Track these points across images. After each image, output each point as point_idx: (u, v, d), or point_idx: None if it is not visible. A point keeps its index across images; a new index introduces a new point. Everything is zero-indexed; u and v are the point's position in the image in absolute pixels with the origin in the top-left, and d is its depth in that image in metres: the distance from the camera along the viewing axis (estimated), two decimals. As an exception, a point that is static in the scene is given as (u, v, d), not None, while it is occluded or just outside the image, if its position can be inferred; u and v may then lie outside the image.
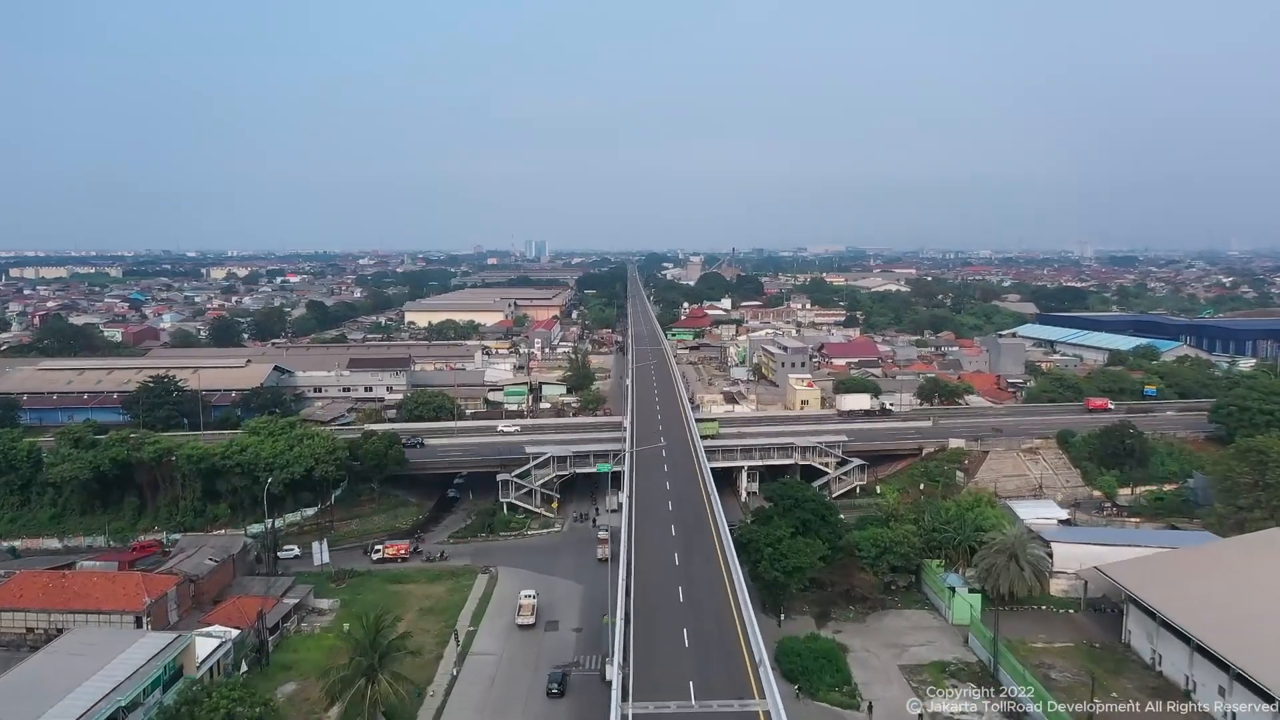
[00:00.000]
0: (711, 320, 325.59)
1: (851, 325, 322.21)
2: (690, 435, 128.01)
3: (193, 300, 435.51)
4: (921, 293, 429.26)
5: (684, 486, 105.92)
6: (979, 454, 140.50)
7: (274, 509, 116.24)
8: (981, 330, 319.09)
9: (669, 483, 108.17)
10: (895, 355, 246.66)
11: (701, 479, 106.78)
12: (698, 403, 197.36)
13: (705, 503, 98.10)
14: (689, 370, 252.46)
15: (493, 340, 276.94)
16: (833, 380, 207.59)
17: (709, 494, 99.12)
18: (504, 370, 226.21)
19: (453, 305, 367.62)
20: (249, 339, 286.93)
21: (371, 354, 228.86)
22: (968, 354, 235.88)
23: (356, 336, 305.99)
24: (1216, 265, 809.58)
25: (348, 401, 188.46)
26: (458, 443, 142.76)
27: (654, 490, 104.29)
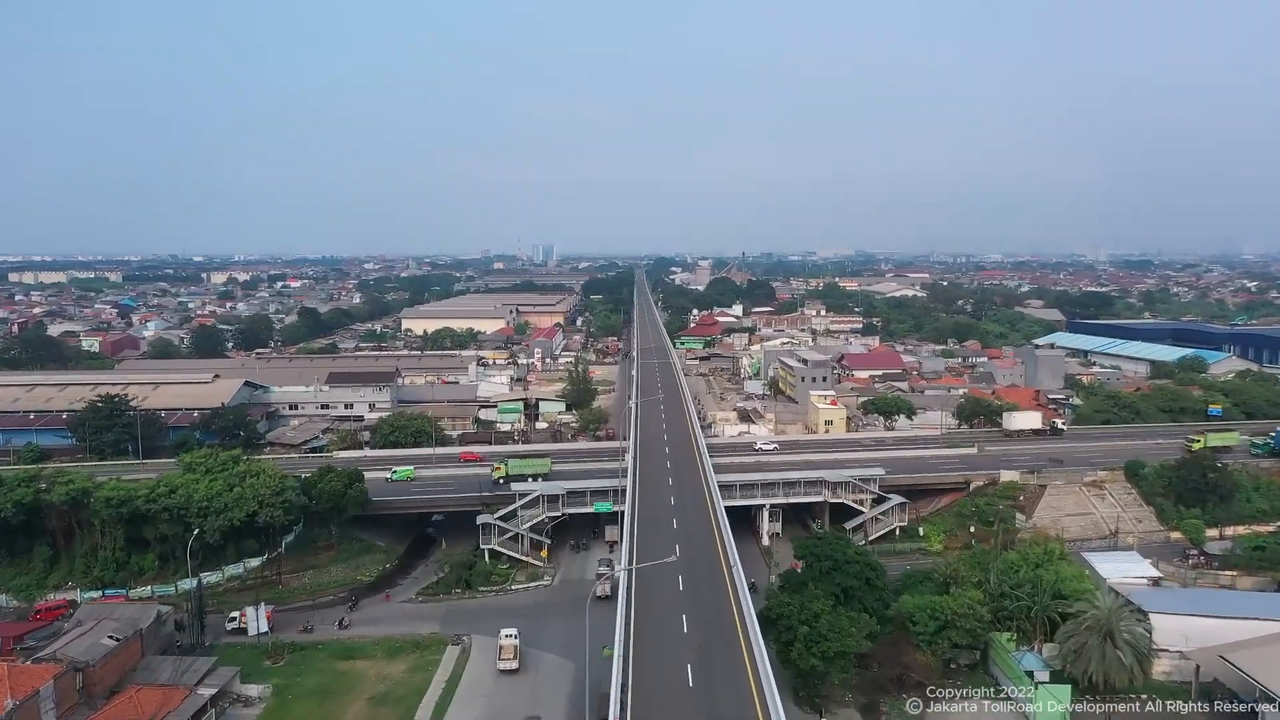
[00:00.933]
0: (722, 328, 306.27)
1: (870, 333, 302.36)
2: (704, 474, 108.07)
3: (186, 306, 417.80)
4: (939, 298, 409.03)
5: (695, 539, 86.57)
6: (1035, 488, 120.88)
7: (211, 560, 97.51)
8: (1007, 339, 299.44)
9: (677, 520, 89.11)
10: (921, 367, 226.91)
11: (718, 531, 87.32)
12: (709, 420, 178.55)
13: (723, 566, 78.72)
14: (699, 383, 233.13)
15: (490, 350, 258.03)
16: (858, 395, 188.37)
17: (727, 552, 79.68)
18: (499, 384, 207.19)
19: (451, 312, 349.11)
20: (233, 349, 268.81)
21: (357, 366, 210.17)
22: (1000, 366, 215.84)
23: (349, 345, 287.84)
24: (1235, 269, 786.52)
25: (324, 421, 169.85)
26: (437, 475, 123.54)
27: (660, 545, 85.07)
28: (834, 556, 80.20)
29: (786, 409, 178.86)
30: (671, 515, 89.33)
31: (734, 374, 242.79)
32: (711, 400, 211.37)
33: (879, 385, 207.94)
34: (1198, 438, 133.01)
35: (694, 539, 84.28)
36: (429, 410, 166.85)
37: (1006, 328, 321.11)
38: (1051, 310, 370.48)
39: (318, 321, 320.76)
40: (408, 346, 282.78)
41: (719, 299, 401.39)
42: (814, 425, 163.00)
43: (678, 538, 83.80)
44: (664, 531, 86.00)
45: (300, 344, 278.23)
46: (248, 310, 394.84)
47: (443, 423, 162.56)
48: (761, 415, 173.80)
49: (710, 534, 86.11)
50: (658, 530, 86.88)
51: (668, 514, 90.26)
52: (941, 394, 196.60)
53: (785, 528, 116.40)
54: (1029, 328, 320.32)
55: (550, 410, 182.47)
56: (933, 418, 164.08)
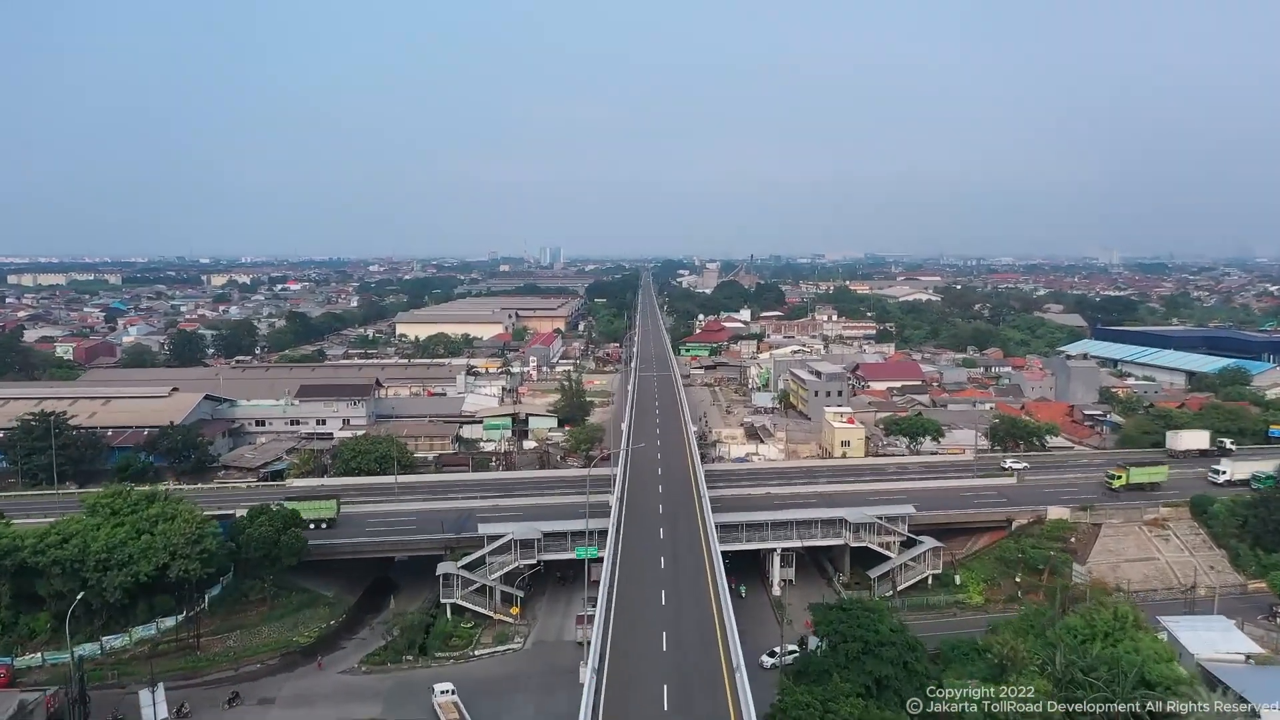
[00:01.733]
0: (730, 334, 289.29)
1: (885, 340, 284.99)
2: (701, 514, 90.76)
3: (177, 310, 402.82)
4: (955, 302, 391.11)
5: (687, 598, 69.62)
6: (1088, 528, 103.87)
7: (119, 619, 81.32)
8: (1029, 346, 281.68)
9: (666, 594, 72.04)
10: (941, 378, 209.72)
11: (715, 593, 70.31)
12: (714, 438, 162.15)
13: (719, 637, 61.94)
14: (704, 394, 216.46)
15: (483, 358, 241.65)
16: (875, 411, 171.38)
17: (726, 626, 62.75)
18: (488, 397, 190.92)
19: (447, 316, 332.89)
20: (214, 356, 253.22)
21: (337, 377, 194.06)
22: (1029, 378, 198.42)
23: (337, 352, 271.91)
24: (1252, 272, 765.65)
25: (293, 438, 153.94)
26: (398, 510, 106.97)
27: (643, 610, 68.17)
28: (864, 636, 63.46)
29: (798, 426, 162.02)
30: (660, 586, 71.70)
31: (741, 384, 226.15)
32: (717, 413, 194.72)
33: (898, 398, 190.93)
34: (1118, 473, 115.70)
35: (686, 619, 66.96)
36: (404, 429, 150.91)
37: (1027, 334, 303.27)
38: (1072, 315, 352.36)
39: (307, 326, 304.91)
40: (399, 353, 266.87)
41: (726, 303, 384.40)
42: (829, 446, 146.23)
43: (667, 620, 66.57)
44: (650, 608, 68.93)
45: (285, 351, 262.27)
46: (240, 314, 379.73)
47: (419, 442, 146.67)
48: (771, 433, 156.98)
49: (708, 609, 68.78)
50: (642, 599, 69.83)
51: (655, 587, 72.26)
52: (966, 409, 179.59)
53: (800, 573, 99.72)
54: (1051, 334, 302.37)
55: (540, 427, 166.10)
56: (961, 438, 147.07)
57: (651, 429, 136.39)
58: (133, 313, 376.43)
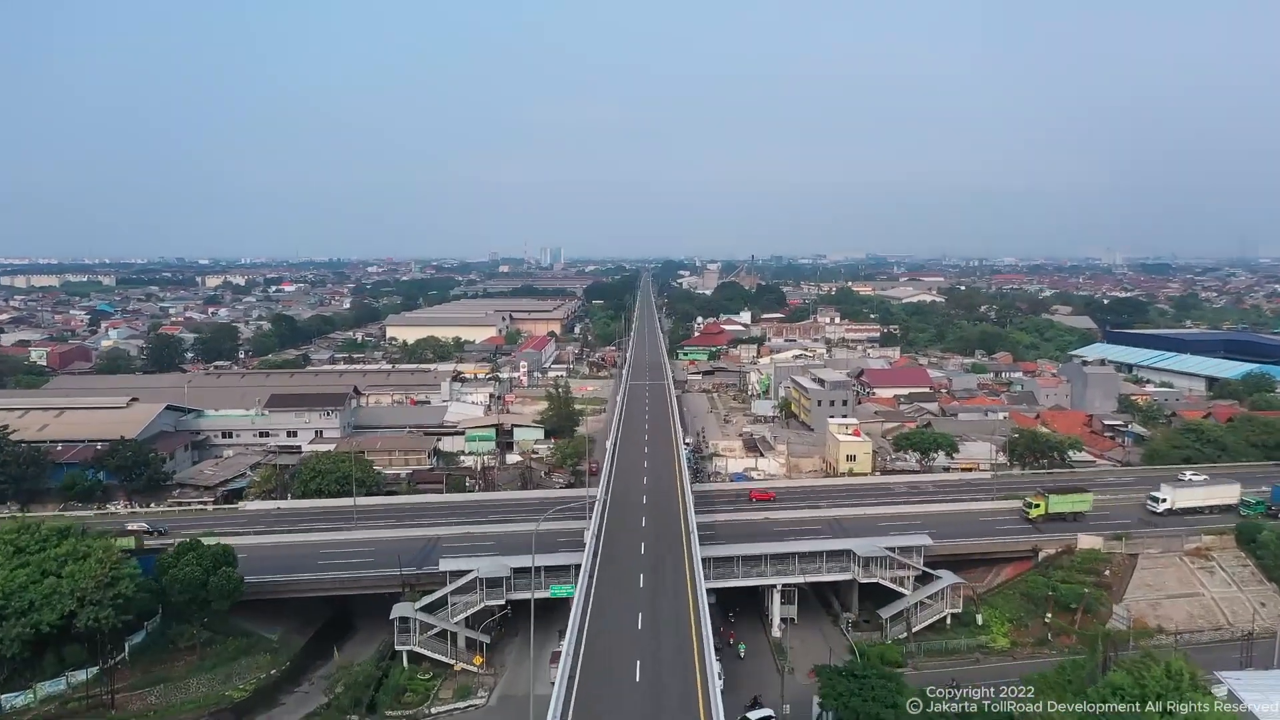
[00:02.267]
0: (729, 337, 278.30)
1: (890, 344, 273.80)
2: (689, 566, 77.33)
3: (166, 312, 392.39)
4: (960, 304, 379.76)
5: (670, 680, 58.05)
6: (1123, 559, 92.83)
7: (21, 674, 70.52)
8: (1039, 350, 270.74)
9: (640, 665, 60.62)
10: (951, 385, 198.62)
11: (698, 647, 58.90)
12: (711, 450, 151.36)
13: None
14: (701, 401, 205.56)
15: (471, 364, 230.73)
16: (883, 421, 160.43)
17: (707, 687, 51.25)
18: (474, 405, 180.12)
19: (439, 319, 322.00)
20: (193, 360, 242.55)
21: (318, 384, 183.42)
22: (1043, 385, 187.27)
23: (322, 356, 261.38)
24: (1256, 274, 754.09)
25: (260, 452, 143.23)
26: (357, 539, 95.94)
27: (617, 684, 56.77)
28: (879, 716, 52.46)
29: (800, 439, 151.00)
30: (636, 655, 59.68)
31: (740, 390, 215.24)
32: (714, 422, 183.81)
33: (905, 407, 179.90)
34: (1036, 501, 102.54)
35: (664, 685, 55.71)
36: (377, 443, 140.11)
37: (1035, 337, 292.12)
38: (1081, 317, 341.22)
39: (293, 330, 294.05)
40: (387, 357, 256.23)
41: (726, 305, 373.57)
42: (834, 460, 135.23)
43: (643, 689, 55.32)
44: (625, 666, 57.72)
45: (269, 355, 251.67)
46: (229, 316, 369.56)
47: (393, 457, 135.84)
48: (771, 446, 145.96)
49: (690, 666, 57.63)
50: (614, 683, 57.84)
51: (629, 661, 60.28)
52: (978, 418, 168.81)
53: (803, 608, 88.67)
54: (1060, 337, 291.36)
55: (526, 439, 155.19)
56: (976, 452, 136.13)
57: (639, 449, 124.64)
58: (119, 315, 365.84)
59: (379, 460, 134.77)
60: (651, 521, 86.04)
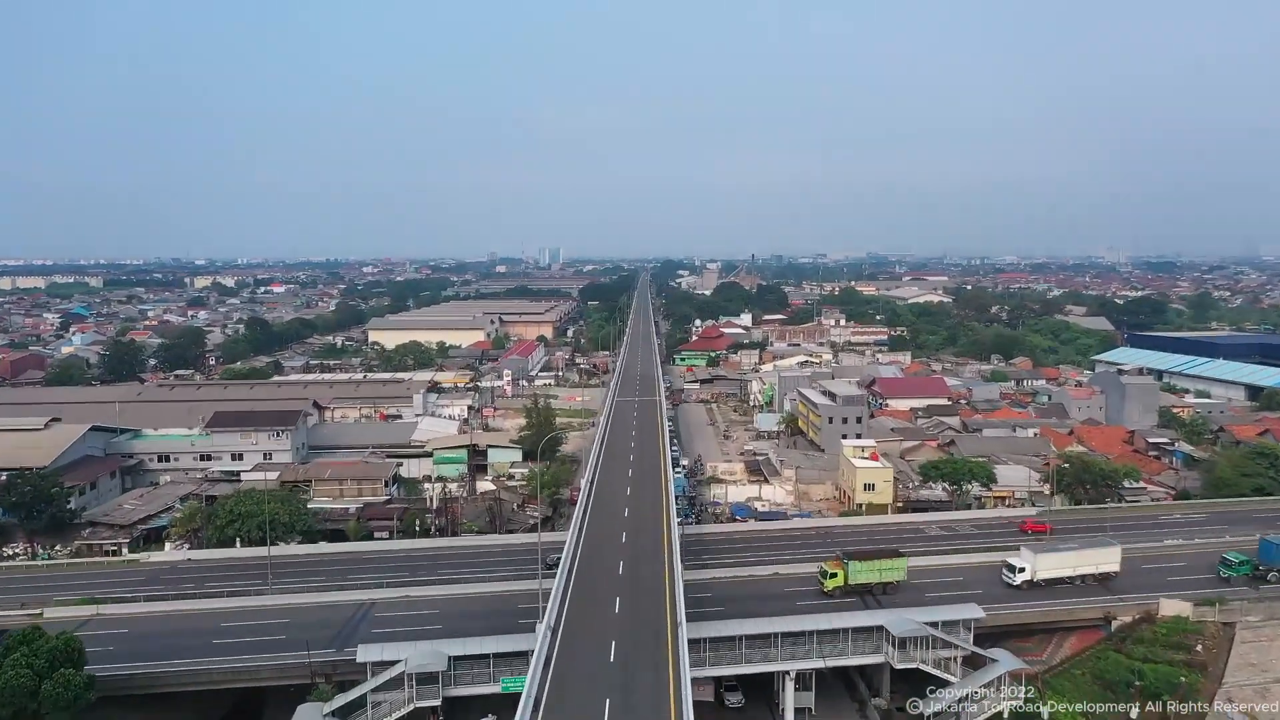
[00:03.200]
0: (729, 341, 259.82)
1: (899, 348, 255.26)
2: (673, 657, 58.43)
3: (144, 315, 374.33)
4: (970, 304, 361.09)
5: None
6: (1217, 629, 74.47)
7: None
8: (1057, 354, 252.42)
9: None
10: (971, 395, 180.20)
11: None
12: (710, 474, 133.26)
13: None
14: (699, 413, 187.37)
15: (452, 372, 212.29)
16: (900, 440, 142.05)
17: None
18: (448, 421, 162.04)
19: (424, 322, 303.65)
20: (155, 368, 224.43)
21: (273, 397, 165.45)
22: (1074, 397, 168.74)
23: (296, 363, 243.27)
24: (1264, 271, 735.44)
25: (195, 480, 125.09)
26: (269, 606, 77.25)
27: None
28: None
29: (810, 461, 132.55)
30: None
31: (741, 400, 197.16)
32: (714, 437, 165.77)
33: (923, 420, 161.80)
34: (833, 569, 78.43)
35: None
36: (328, 470, 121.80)
37: (1051, 340, 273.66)
38: (1096, 319, 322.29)
39: (268, 335, 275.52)
40: (365, 364, 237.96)
41: (726, 306, 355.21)
42: (849, 488, 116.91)
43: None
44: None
45: (237, 363, 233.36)
46: (208, 319, 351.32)
47: (344, 487, 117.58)
48: (778, 471, 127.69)
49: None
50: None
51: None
52: (1005, 435, 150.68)
53: (821, 695, 70.31)
54: (1078, 340, 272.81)
55: (501, 461, 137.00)
56: (1012, 478, 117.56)
57: (620, 488, 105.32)
58: (92, 319, 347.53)
59: (328, 492, 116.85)
60: (628, 601, 67.04)
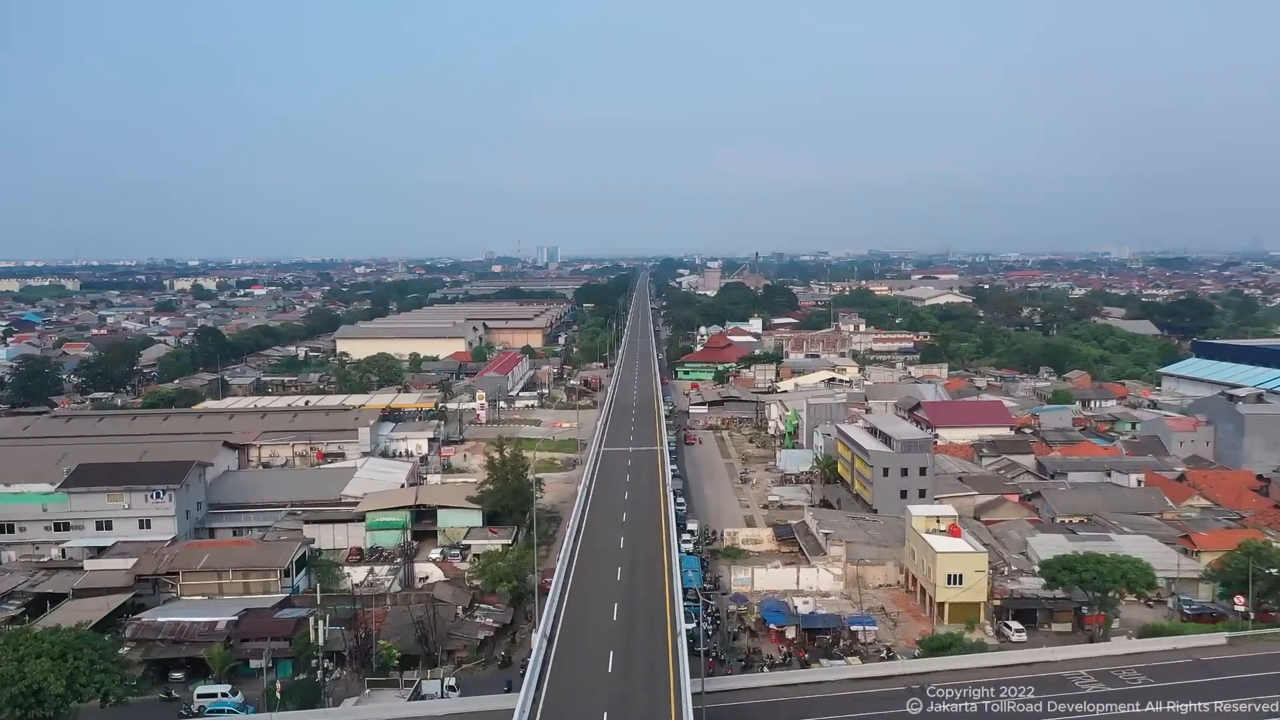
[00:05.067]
0: (739, 352, 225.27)
1: (933, 359, 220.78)
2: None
3: (104, 320, 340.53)
4: (998, 306, 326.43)
5: None
6: None
7: None
8: (1111, 364, 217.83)
9: None
10: (1040, 424, 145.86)
11: None
12: (729, 543, 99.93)
13: None
14: (709, 444, 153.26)
15: (416, 395, 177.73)
16: (973, 496, 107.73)
17: None
18: (395, 466, 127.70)
19: (398, 331, 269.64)
20: (77, 388, 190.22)
21: (199, 430, 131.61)
22: (1175, 428, 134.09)
23: (246, 380, 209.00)
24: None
25: (28, 568, 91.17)
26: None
27: None
28: None
29: (862, 531, 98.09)
30: None
31: (759, 426, 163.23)
32: (728, 480, 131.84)
33: (990, 462, 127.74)
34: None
35: None
36: (203, 558, 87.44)
37: (1096, 346, 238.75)
38: (1139, 322, 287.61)
39: (221, 346, 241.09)
40: (322, 383, 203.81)
41: (732, 310, 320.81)
42: (923, 578, 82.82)
43: None
44: None
45: (175, 381, 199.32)
46: (167, 327, 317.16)
47: (223, 582, 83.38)
48: (821, 547, 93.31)
49: None
50: None
51: None
52: (1096, 480, 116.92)
53: None
54: (1131, 348, 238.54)
55: (455, 525, 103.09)
56: (1135, 551, 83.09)
57: (607, 573, 71.84)
58: (43, 326, 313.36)
59: (201, 587, 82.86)
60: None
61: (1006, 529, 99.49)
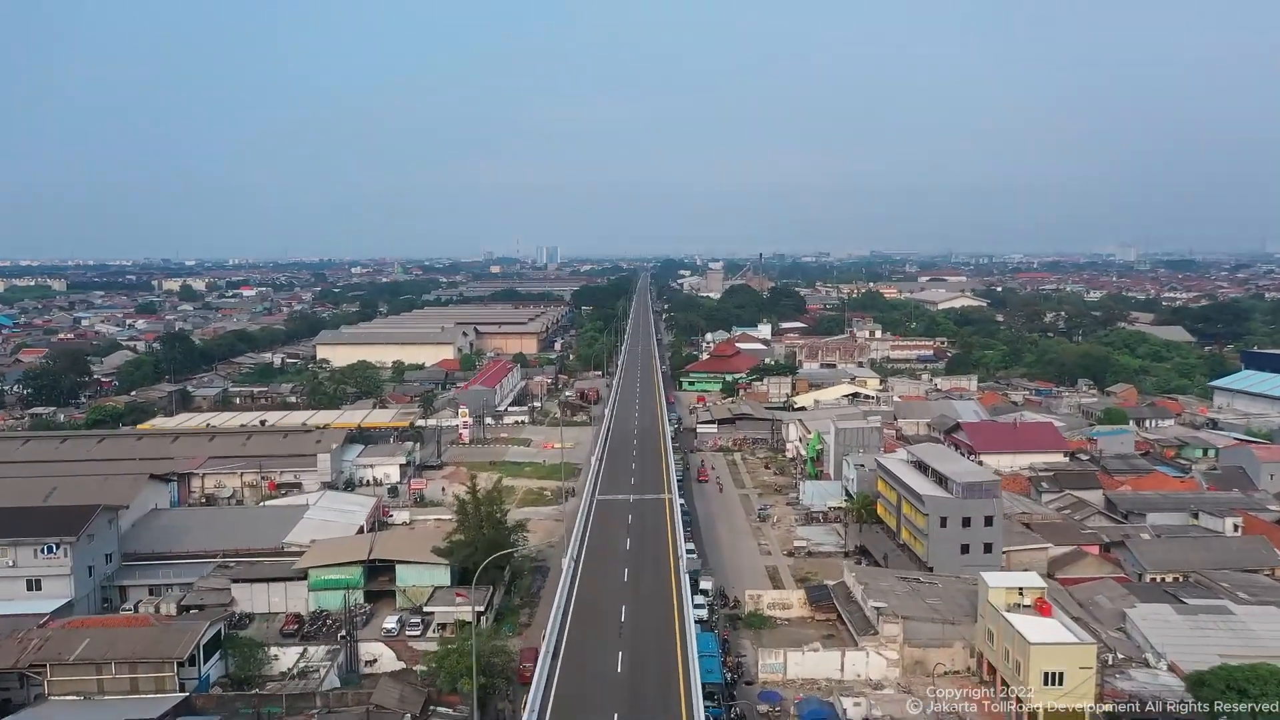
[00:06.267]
0: (750, 362, 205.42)
1: (961, 369, 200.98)
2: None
3: (78, 323, 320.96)
4: (1021, 309, 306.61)
5: None
6: None
7: None
8: (1154, 376, 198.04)
9: None
10: (1099, 449, 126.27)
11: None
12: (751, 606, 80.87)
13: None
14: (720, 471, 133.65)
15: (392, 411, 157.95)
16: (1046, 548, 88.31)
17: None
18: (355, 502, 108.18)
19: (383, 336, 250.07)
20: (17, 403, 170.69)
21: (141, 454, 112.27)
22: (1264, 458, 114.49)
23: (211, 391, 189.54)
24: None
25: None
26: None
27: None
28: None
29: (915, 596, 78.39)
30: None
31: (775, 451, 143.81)
32: (744, 516, 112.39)
33: (1051, 498, 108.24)
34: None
35: None
36: (79, 646, 67.91)
37: (1128, 354, 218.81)
38: (1171, 328, 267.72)
39: (189, 352, 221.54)
40: (294, 394, 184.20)
41: (738, 314, 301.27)
42: (1010, 670, 63.31)
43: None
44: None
45: (132, 392, 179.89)
46: (147, 328, 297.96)
47: (109, 677, 63.91)
48: (871, 623, 73.73)
49: None
50: None
51: None
52: (1181, 523, 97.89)
53: None
54: (1169, 355, 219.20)
55: (417, 585, 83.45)
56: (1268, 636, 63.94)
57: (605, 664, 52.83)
58: (9, 330, 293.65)
59: (78, 684, 63.45)
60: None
61: (1092, 593, 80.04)
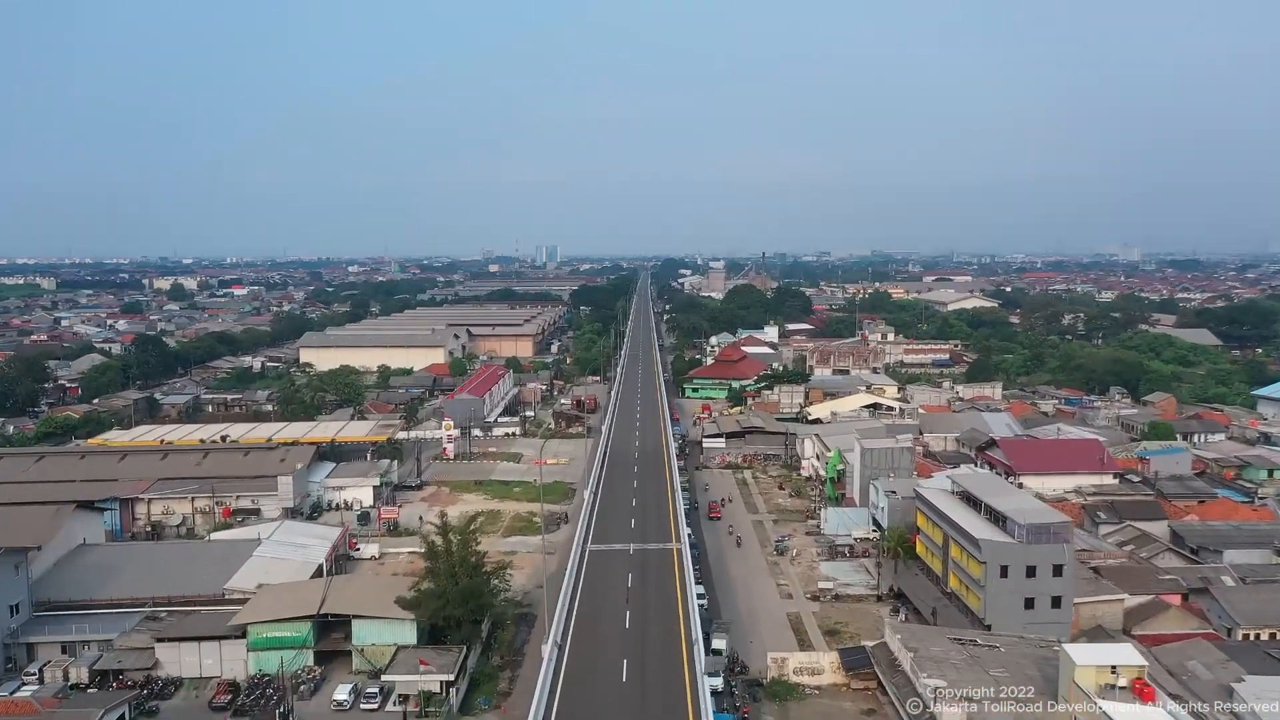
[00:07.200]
0: (757, 368, 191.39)
1: (982, 376, 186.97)
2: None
3: (58, 323, 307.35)
4: (1038, 311, 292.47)
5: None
6: None
7: None
8: (1189, 383, 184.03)
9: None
10: (1153, 471, 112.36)
11: None
12: (775, 672, 66.96)
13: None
14: (730, 491, 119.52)
15: (370, 423, 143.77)
16: (1121, 600, 74.51)
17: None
18: (317, 533, 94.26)
19: (370, 339, 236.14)
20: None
21: (84, 473, 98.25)
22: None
23: (181, 399, 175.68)
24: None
25: None
26: None
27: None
28: None
29: (975, 663, 64.34)
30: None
31: (788, 467, 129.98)
32: (758, 550, 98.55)
33: (1109, 530, 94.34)
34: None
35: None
36: None
37: (1150, 356, 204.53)
38: (1196, 330, 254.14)
39: (163, 355, 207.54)
40: (271, 402, 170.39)
41: (742, 315, 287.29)
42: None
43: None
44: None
45: (96, 399, 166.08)
46: (129, 328, 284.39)
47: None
48: (927, 704, 59.81)
49: None
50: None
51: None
52: (1260, 562, 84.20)
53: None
54: (1199, 360, 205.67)
55: (378, 643, 69.65)
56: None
57: None
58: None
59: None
60: None
61: (1183, 656, 65.86)
